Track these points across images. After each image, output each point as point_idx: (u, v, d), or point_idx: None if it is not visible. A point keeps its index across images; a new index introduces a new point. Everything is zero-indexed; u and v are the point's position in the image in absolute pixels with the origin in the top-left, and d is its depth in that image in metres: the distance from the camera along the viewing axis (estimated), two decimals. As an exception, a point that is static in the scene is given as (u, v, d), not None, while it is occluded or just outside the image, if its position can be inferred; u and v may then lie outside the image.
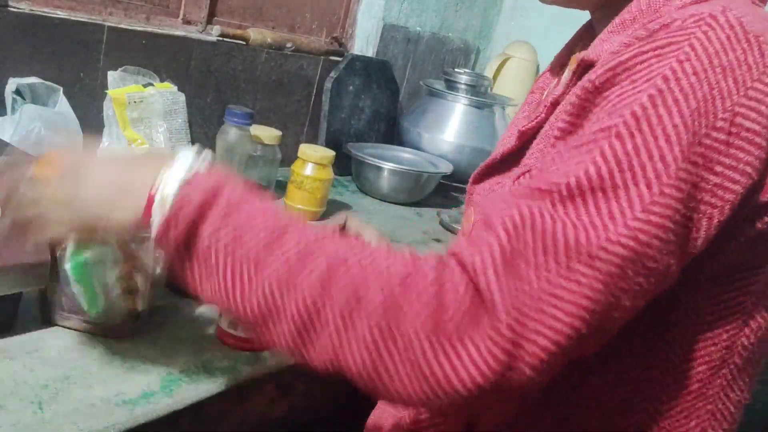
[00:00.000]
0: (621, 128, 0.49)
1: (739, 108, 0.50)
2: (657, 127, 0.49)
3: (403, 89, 1.92)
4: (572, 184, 0.49)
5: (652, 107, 0.49)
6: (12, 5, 1.09)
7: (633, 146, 0.49)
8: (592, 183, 0.49)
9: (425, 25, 1.94)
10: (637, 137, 0.49)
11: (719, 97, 0.49)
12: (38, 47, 1.13)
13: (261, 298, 0.51)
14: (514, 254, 0.48)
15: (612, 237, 0.47)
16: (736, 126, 0.50)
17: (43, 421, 0.62)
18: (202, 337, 0.82)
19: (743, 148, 0.50)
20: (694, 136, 0.49)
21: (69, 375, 0.69)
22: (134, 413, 0.66)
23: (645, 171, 0.48)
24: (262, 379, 0.80)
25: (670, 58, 0.50)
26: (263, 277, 0.51)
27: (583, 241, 0.47)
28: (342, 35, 1.76)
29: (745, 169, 0.50)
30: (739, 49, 0.50)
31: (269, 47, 1.50)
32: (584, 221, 0.48)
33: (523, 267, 0.48)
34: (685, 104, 0.49)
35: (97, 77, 1.22)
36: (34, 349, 0.72)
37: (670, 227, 0.48)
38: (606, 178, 0.49)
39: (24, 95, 1.10)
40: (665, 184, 0.48)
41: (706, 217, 0.50)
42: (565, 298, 0.47)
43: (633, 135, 0.49)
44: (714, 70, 0.50)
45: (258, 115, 1.49)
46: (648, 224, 0.48)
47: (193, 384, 0.73)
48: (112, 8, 1.25)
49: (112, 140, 1.21)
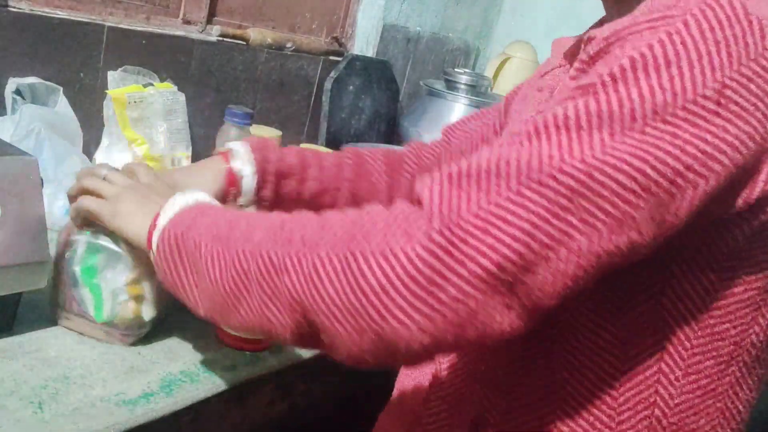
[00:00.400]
0: (597, 86, 0.50)
1: (730, 81, 0.49)
2: (633, 86, 0.49)
3: (403, 89, 1.92)
4: (539, 122, 0.50)
5: (631, 69, 0.49)
6: (12, 5, 1.09)
7: (606, 99, 0.49)
8: (557, 121, 0.50)
9: (425, 25, 1.94)
10: (611, 93, 0.49)
11: (709, 67, 0.49)
12: (38, 47, 1.13)
13: (232, 269, 0.57)
14: (465, 177, 0.50)
15: (564, 167, 0.48)
16: (725, 98, 0.49)
17: (43, 421, 0.62)
18: (202, 337, 0.82)
19: (731, 120, 0.49)
20: (674, 98, 0.48)
21: (69, 375, 0.69)
22: (134, 413, 0.66)
23: (612, 121, 0.48)
24: (262, 379, 0.80)
25: (660, 31, 0.50)
26: (231, 250, 0.58)
27: (535, 166, 0.48)
28: (342, 35, 1.76)
29: (733, 142, 0.49)
30: (738, 28, 0.50)
31: (269, 47, 1.50)
32: (541, 150, 0.49)
33: (472, 187, 0.49)
34: (666, 69, 0.49)
35: (97, 77, 1.22)
36: (34, 349, 0.72)
37: (633, 176, 0.48)
38: (572, 118, 0.49)
39: (24, 95, 1.10)
40: (628, 136, 0.48)
41: (691, 185, 0.49)
42: (509, 220, 0.48)
43: (607, 92, 0.49)
44: (706, 43, 0.49)
45: (258, 115, 1.49)
46: (604, 164, 0.48)
47: (193, 384, 0.73)
48: (112, 8, 1.25)
49: (112, 140, 1.21)
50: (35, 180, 0.71)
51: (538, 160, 0.48)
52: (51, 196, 0.99)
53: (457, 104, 1.72)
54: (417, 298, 0.48)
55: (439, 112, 1.73)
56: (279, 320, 0.55)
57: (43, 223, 0.72)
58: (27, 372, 0.68)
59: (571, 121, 0.49)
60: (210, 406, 0.74)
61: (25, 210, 0.70)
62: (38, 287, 0.73)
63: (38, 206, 0.72)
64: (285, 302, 0.54)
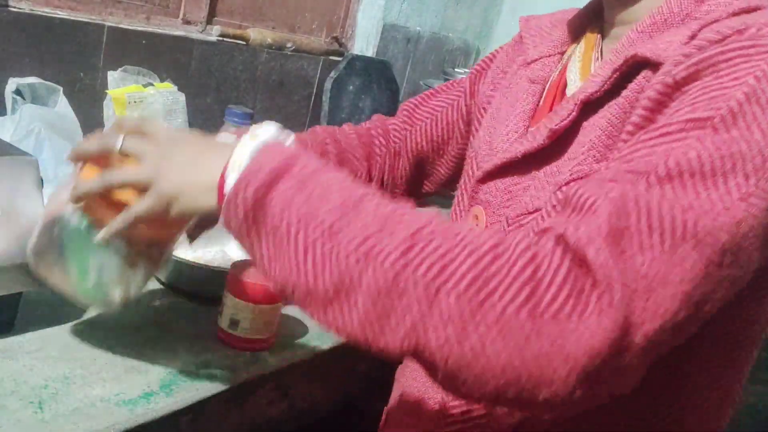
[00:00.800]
0: (717, 120, 0.49)
1: None
2: (752, 123, 0.49)
3: (403, 89, 1.92)
4: (671, 165, 0.48)
5: (747, 103, 0.50)
6: (12, 5, 1.09)
7: (731, 138, 0.49)
8: (692, 166, 0.48)
9: (425, 25, 1.94)
10: (734, 131, 0.49)
11: None
12: (38, 47, 1.13)
13: (335, 270, 0.48)
14: (620, 231, 0.46)
15: (717, 223, 0.47)
16: None
17: (43, 421, 0.62)
18: (202, 337, 0.82)
19: None
20: None
21: (69, 375, 0.69)
22: (134, 413, 0.66)
23: (744, 162, 0.48)
24: (262, 379, 0.80)
25: (758, 60, 0.51)
26: (339, 249, 0.48)
27: (690, 224, 0.46)
28: (342, 35, 1.76)
29: None
30: None
31: (269, 47, 1.50)
32: (687, 203, 0.47)
33: (629, 245, 0.46)
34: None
35: (97, 77, 1.22)
36: (34, 349, 0.72)
37: (764, 222, 0.48)
38: (706, 163, 0.48)
39: (24, 95, 1.10)
40: (762, 178, 0.48)
41: None
42: (669, 279, 0.46)
43: (729, 129, 0.49)
44: None
45: (258, 115, 1.49)
46: (747, 215, 0.48)
47: (193, 384, 0.73)
48: (112, 8, 1.25)
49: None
50: (35, 180, 0.71)
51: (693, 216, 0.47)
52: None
53: (457, 104, 1.72)
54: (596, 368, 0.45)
55: (439, 112, 1.73)
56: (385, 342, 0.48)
57: (43, 223, 0.72)
58: (27, 372, 0.68)
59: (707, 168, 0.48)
60: (210, 406, 0.74)
61: (25, 210, 0.70)
62: (38, 287, 0.73)
63: (38, 206, 0.72)
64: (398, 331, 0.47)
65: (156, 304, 0.88)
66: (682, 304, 0.46)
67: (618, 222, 0.46)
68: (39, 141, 1.01)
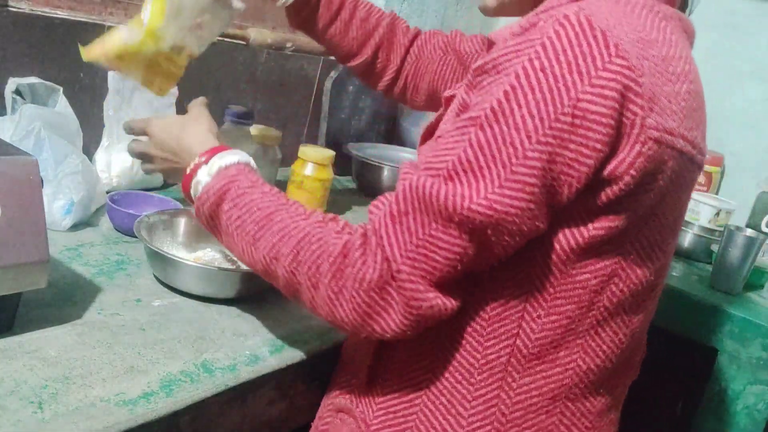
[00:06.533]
0: (483, 120, 0.63)
1: (583, 95, 0.60)
2: (509, 118, 0.61)
3: (403, 89, 1.92)
4: (449, 167, 0.63)
5: (506, 101, 0.61)
6: (12, 5, 1.09)
7: (492, 135, 0.62)
8: (464, 166, 0.63)
9: (425, 25, 1.94)
10: (495, 127, 0.62)
11: (564, 88, 0.60)
12: (38, 47, 1.13)
13: (260, 266, 0.74)
14: (403, 215, 0.65)
15: (472, 206, 0.62)
16: (581, 110, 0.60)
17: (43, 421, 0.62)
18: (201, 337, 0.82)
19: (591, 128, 0.61)
20: (542, 122, 0.60)
21: (69, 375, 0.69)
22: (134, 413, 0.66)
23: (501, 155, 0.61)
24: (262, 379, 0.80)
25: (523, 56, 0.62)
26: (260, 253, 0.73)
27: (451, 207, 0.62)
28: (342, 35, 1.76)
29: (595, 146, 0.61)
30: (585, 44, 0.61)
31: (269, 47, 1.50)
32: (456, 191, 0.62)
33: (411, 223, 0.65)
34: (532, 97, 0.61)
35: (97, 77, 1.22)
36: (34, 349, 0.72)
37: (526, 197, 0.62)
38: (473, 161, 0.62)
39: (24, 95, 1.10)
40: (516, 164, 0.61)
41: (566, 183, 0.63)
42: (441, 245, 0.64)
43: (491, 126, 0.62)
44: (560, 65, 0.60)
45: (258, 115, 1.49)
46: (502, 197, 0.62)
47: (193, 384, 0.73)
48: (112, 8, 1.25)
49: (112, 140, 1.21)
50: (35, 180, 0.71)
51: (453, 201, 0.62)
52: (51, 196, 0.99)
53: (457, 104, 1.72)
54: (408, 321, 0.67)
55: (439, 112, 1.73)
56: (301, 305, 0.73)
57: (42, 223, 0.72)
58: (27, 372, 0.68)
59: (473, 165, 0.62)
60: (210, 406, 0.74)
61: (25, 210, 0.70)
62: (38, 287, 0.73)
63: (38, 206, 0.72)
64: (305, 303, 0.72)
65: (156, 304, 0.88)
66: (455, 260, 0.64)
67: (403, 206, 0.65)
68: (39, 141, 1.01)
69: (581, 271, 0.68)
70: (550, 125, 0.60)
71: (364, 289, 0.65)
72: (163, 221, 1.01)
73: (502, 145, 0.61)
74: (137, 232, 0.93)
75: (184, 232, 1.03)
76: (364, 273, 0.65)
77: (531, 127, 0.61)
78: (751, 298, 1.48)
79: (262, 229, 0.73)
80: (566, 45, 0.61)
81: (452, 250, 0.64)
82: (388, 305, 0.65)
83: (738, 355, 1.35)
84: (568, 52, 0.60)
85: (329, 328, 0.91)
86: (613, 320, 0.72)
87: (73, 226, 1.03)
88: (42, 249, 0.71)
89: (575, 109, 0.60)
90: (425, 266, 0.64)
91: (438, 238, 0.64)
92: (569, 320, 0.70)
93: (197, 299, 0.91)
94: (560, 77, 0.60)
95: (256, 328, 0.88)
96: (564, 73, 0.60)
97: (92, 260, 0.95)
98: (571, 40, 0.61)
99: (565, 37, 0.61)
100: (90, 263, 0.94)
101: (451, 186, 0.63)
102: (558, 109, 0.60)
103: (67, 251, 0.96)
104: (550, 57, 0.61)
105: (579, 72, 0.60)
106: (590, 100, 0.60)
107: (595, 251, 0.68)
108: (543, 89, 0.60)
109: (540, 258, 0.68)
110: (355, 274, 0.66)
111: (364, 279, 0.65)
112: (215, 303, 0.91)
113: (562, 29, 0.61)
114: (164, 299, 0.89)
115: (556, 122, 0.60)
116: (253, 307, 0.92)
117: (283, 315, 0.93)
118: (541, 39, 0.62)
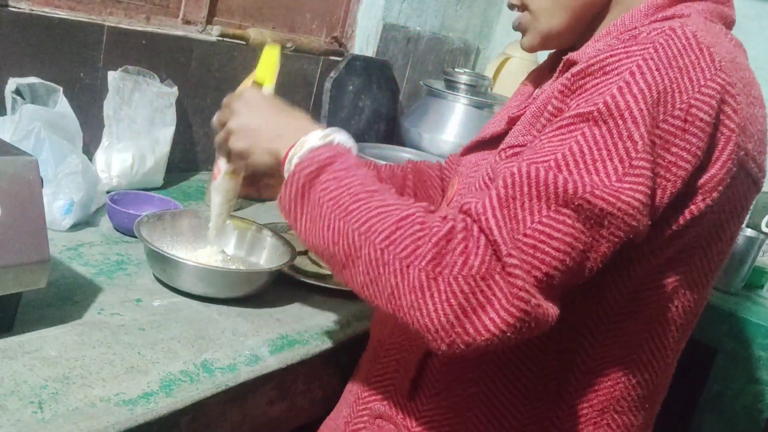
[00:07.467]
0: (595, 115, 0.61)
1: (695, 101, 0.61)
2: (625, 112, 0.60)
3: (403, 89, 1.92)
4: (559, 159, 0.61)
5: (620, 96, 0.61)
6: (12, 5, 1.09)
7: (607, 129, 0.61)
8: (575, 158, 0.61)
9: (425, 25, 1.94)
10: (609, 122, 0.61)
11: (677, 90, 0.61)
12: (38, 47, 1.13)
13: (345, 242, 0.66)
14: (511, 199, 0.61)
15: (597, 192, 0.59)
16: (692, 116, 0.61)
17: (43, 421, 0.62)
18: (202, 337, 0.82)
19: (696, 134, 0.61)
20: (653, 120, 0.60)
21: (69, 375, 0.69)
22: (134, 413, 0.66)
23: (617, 149, 0.60)
24: (262, 379, 0.80)
25: (636, 57, 0.62)
26: (348, 226, 0.66)
27: (571, 191, 0.59)
28: (342, 35, 1.76)
29: (696, 152, 0.62)
30: (693, 55, 0.62)
31: (269, 47, 1.50)
32: (574, 178, 0.60)
33: (518, 210, 0.60)
34: (648, 93, 0.61)
35: (97, 77, 1.22)
36: (34, 349, 0.72)
37: (647, 191, 0.60)
38: (587, 153, 0.60)
39: (24, 95, 1.10)
40: (635, 158, 0.60)
41: (661, 188, 0.62)
42: (552, 234, 0.59)
43: (606, 121, 0.61)
44: (673, 69, 0.61)
45: (258, 115, 1.49)
46: (627, 189, 0.59)
47: (193, 384, 0.73)
48: (112, 8, 1.25)
49: (112, 140, 1.21)
50: (35, 180, 0.72)
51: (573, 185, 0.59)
52: (51, 196, 0.99)
53: (457, 104, 1.72)
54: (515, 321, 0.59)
55: (439, 111, 1.73)
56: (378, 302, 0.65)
57: (42, 223, 0.72)
58: (27, 372, 0.68)
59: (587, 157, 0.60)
60: (210, 406, 0.74)
61: (25, 210, 0.70)
62: (38, 287, 0.73)
63: (38, 206, 0.72)
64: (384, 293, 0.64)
65: (156, 304, 0.88)
66: (565, 253, 0.59)
67: (511, 191, 0.61)
68: (39, 141, 1.01)
69: (646, 287, 0.69)
70: (659, 125, 0.61)
71: (464, 275, 0.58)
72: (163, 221, 1.01)
73: (618, 139, 0.60)
74: (137, 232, 0.93)
75: (184, 232, 1.03)
76: (467, 257, 0.59)
77: (648, 124, 0.60)
78: (751, 297, 1.48)
79: (359, 202, 0.66)
80: (676, 53, 0.62)
81: (564, 239, 0.59)
82: (493, 296, 0.58)
83: (737, 354, 1.35)
84: (678, 60, 0.62)
85: (329, 328, 0.92)
86: (666, 336, 0.73)
87: (73, 226, 1.03)
88: (42, 249, 0.72)
89: (687, 113, 0.61)
90: (533, 260, 0.58)
91: (549, 225, 0.59)
92: (628, 336, 0.70)
93: (197, 299, 0.91)
94: (674, 79, 0.61)
95: (256, 328, 0.88)
96: (677, 77, 0.61)
97: (92, 260, 0.95)
98: (680, 49, 0.62)
99: (675, 46, 0.62)
100: (90, 263, 0.94)
101: (567, 173, 0.60)
102: (669, 111, 0.61)
103: (67, 251, 0.96)
104: (663, 60, 0.62)
105: (690, 79, 0.61)
106: (699, 107, 0.61)
107: (662, 268, 0.68)
108: (659, 88, 0.61)
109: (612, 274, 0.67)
110: (456, 259, 0.59)
111: (465, 264, 0.59)
112: (215, 303, 0.91)
113: (670, 39, 0.63)
114: (164, 299, 0.90)
115: (665, 123, 0.61)
116: (253, 307, 0.92)
117: (283, 315, 0.93)
118: (652, 44, 0.63)
